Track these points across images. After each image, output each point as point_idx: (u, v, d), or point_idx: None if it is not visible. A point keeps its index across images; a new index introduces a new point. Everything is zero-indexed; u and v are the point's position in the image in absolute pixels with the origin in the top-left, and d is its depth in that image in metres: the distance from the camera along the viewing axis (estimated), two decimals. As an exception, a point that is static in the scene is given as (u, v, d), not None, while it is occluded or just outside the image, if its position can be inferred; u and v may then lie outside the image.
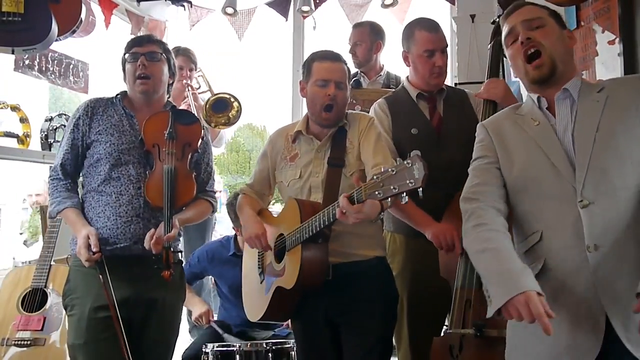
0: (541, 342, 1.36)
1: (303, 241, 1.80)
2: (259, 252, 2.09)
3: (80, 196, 2.08)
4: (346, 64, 2.03)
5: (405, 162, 1.41)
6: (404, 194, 1.42)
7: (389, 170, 1.45)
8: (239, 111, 3.43)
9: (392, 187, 1.43)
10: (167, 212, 1.94)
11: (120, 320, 1.86)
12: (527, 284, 1.29)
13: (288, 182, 2.02)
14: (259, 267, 2.09)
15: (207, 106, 3.36)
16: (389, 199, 1.45)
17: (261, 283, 2.05)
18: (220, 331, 2.70)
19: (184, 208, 2.07)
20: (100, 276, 1.89)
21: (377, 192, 1.47)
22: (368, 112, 2.29)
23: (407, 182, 1.40)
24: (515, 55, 1.56)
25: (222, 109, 3.41)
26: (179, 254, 2.19)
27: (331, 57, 2.00)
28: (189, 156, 2.08)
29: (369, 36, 3.27)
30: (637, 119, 1.40)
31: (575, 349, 1.32)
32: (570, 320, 1.34)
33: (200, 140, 2.12)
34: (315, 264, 1.81)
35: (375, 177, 1.49)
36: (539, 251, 1.43)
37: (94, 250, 1.86)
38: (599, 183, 1.37)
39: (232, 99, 3.41)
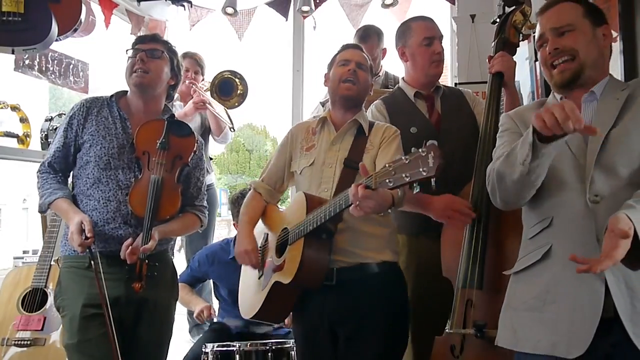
0: (543, 329, 1.39)
1: (306, 234, 1.77)
2: (260, 247, 2.06)
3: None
4: (369, 57, 2.06)
5: (419, 150, 1.36)
6: (416, 183, 1.37)
7: (402, 158, 1.40)
8: (245, 84, 3.43)
9: (404, 175, 1.37)
10: (148, 223, 1.91)
11: (111, 317, 1.84)
12: None
13: (301, 170, 2.00)
14: (254, 267, 2.08)
15: (215, 95, 3.37)
16: (400, 188, 1.41)
17: (259, 279, 2.02)
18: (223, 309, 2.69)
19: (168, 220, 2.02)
20: (92, 262, 1.87)
21: (388, 180, 1.41)
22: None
23: (421, 170, 1.34)
24: (542, 59, 1.56)
25: (229, 90, 3.42)
26: (170, 253, 2.16)
27: (354, 46, 2.09)
28: (178, 169, 2.04)
29: (378, 47, 3.26)
30: None
31: (573, 335, 1.34)
32: (571, 307, 1.36)
33: (192, 154, 2.08)
34: (317, 259, 1.77)
35: (387, 165, 1.44)
36: (546, 236, 1.45)
37: (88, 235, 1.84)
38: (607, 180, 1.38)
39: (232, 75, 3.41)
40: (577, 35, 1.49)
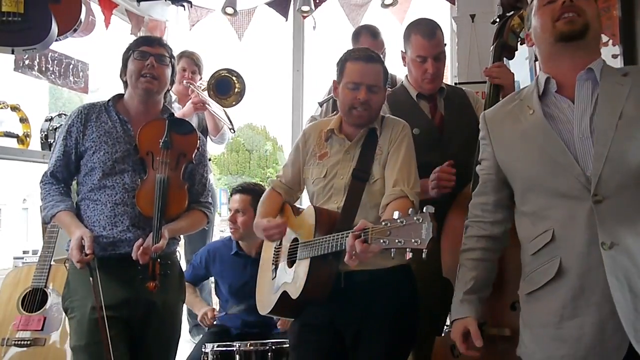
0: (564, 345, 1.33)
1: (312, 257, 1.77)
2: (275, 247, 2.05)
3: (75, 202, 2.05)
4: (382, 64, 1.91)
5: (415, 218, 1.39)
6: (408, 249, 1.40)
7: (398, 220, 1.43)
8: (242, 82, 3.43)
9: (397, 240, 1.42)
10: (157, 222, 1.91)
11: (106, 321, 1.83)
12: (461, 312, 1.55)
13: (313, 180, 1.96)
14: (273, 263, 2.06)
15: (213, 94, 3.36)
16: (393, 250, 1.44)
17: (272, 279, 2.02)
18: (224, 307, 2.69)
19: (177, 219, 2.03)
20: (91, 279, 1.87)
21: (382, 241, 1.45)
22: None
23: (412, 240, 1.38)
24: (545, 15, 1.44)
25: (227, 89, 3.41)
26: (177, 255, 2.17)
27: (365, 57, 1.87)
28: (183, 167, 2.05)
29: (383, 45, 3.26)
30: None
31: (601, 351, 1.28)
32: (593, 321, 1.29)
33: (195, 151, 2.08)
34: (321, 281, 1.78)
35: (384, 223, 1.46)
36: (553, 251, 1.38)
37: (88, 252, 1.84)
38: (617, 175, 1.29)
39: (229, 73, 3.41)
40: (589, 3, 1.43)
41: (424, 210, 1.38)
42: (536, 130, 1.42)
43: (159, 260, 1.91)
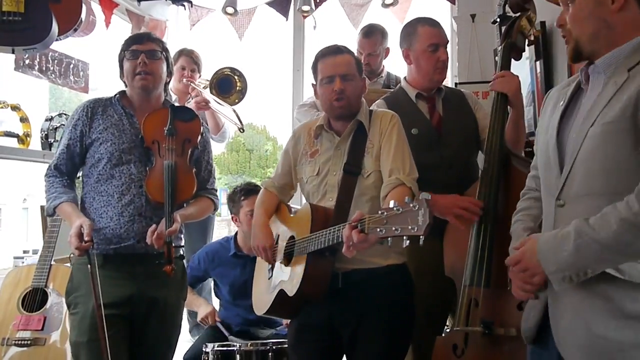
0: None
1: (308, 253, 1.78)
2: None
3: (80, 196, 2.09)
4: (352, 54, 1.96)
5: (411, 205, 1.38)
6: (405, 237, 1.39)
7: (394, 209, 1.42)
8: (244, 81, 3.45)
9: (394, 228, 1.41)
10: (168, 207, 1.95)
11: (108, 319, 1.85)
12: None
13: (307, 178, 1.98)
14: (269, 263, 2.08)
15: (214, 93, 3.37)
16: (390, 238, 1.43)
17: (269, 279, 2.03)
18: (226, 333, 2.68)
19: (185, 204, 2.07)
20: (89, 266, 1.89)
21: (379, 229, 1.44)
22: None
23: (409, 227, 1.37)
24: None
25: (228, 88, 3.42)
26: (181, 249, 2.18)
27: (332, 51, 1.94)
28: (189, 152, 2.09)
29: (381, 44, 3.24)
30: None
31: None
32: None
33: (199, 137, 2.13)
34: (318, 277, 1.79)
35: (380, 212, 1.46)
36: None
37: (86, 239, 1.86)
38: (577, 183, 1.29)
39: (231, 72, 3.42)
40: (575, 7, 1.33)
41: (420, 197, 1.38)
42: (553, 125, 1.40)
43: (173, 244, 1.94)
